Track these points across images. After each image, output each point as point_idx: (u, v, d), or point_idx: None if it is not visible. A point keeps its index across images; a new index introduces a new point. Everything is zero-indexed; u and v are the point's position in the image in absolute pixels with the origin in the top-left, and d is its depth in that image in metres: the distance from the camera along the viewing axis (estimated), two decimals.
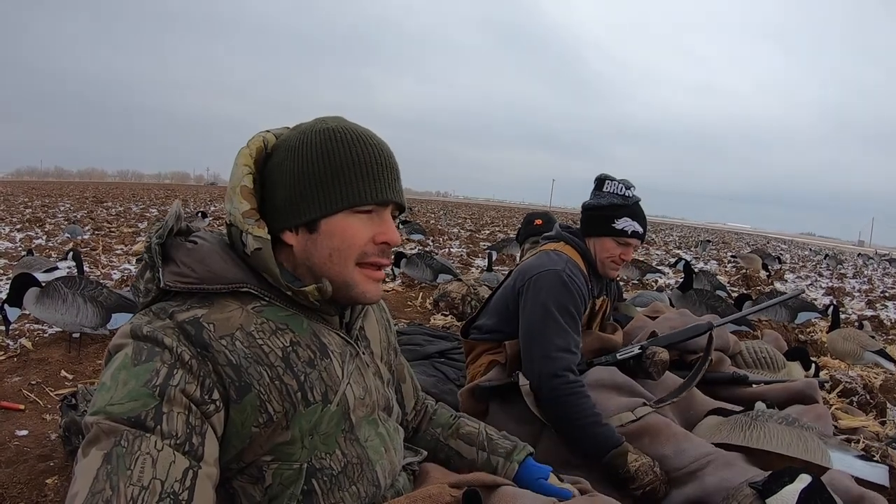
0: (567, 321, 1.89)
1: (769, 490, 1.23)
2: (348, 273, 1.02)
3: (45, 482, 1.94)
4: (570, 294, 1.93)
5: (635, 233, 2.07)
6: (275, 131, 1.09)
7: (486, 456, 1.34)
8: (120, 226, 11.73)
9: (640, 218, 2.09)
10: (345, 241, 1.01)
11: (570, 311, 1.91)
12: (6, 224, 11.13)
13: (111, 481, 0.77)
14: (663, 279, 8.32)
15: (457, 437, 1.38)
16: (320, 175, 1.00)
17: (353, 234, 1.01)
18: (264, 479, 0.95)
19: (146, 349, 0.89)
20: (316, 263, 1.03)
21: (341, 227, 1.01)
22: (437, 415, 1.45)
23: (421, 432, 1.42)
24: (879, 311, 7.16)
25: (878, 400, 2.99)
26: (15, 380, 2.89)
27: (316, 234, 1.02)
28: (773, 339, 3.57)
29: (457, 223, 21.03)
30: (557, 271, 1.95)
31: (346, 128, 1.04)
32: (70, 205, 18.54)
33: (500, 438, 1.38)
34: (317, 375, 1.00)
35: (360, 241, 1.02)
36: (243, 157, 1.03)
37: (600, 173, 2.18)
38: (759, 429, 1.73)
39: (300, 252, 1.03)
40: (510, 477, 1.30)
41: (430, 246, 11.01)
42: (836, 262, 14.93)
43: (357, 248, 1.02)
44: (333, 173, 1.00)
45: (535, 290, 1.96)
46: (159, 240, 0.99)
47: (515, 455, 1.33)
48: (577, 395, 1.79)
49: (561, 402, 1.79)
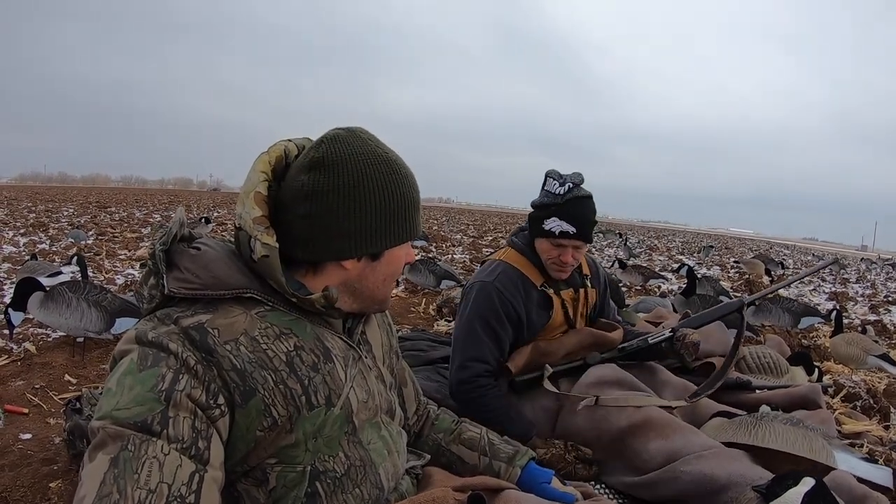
0: (486, 332, 2.00)
1: (773, 493, 1.23)
2: (388, 293, 1.15)
3: (49, 486, 1.94)
4: (493, 306, 2.01)
5: (563, 233, 1.97)
6: (297, 141, 1.11)
7: (487, 461, 1.35)
8: (123, 231, 11.75)
9: (571, 217, 1.96)
10: (397, 267, 1.12)
11: (491, 323, 2.01)
12: (10, 228, 11.16)
13: (118, 485, 0.78)
14: (666, 285, 8.30)
15: (458, 443, 1.39)
16: (392, 210, 1.05)
17: (401, 260, 1.12)
18: (268, 482, 0.96)
19: (151, 354, 0.90)
20: (368, 286, 1.10)
21: (397, 256, 1.11)
22: (439, 420, 1.46)
23: (423, 437, 1.43)
24: (883, 316, 7.13)
25: (882, 404, 2.97)
26: (19, 384, 2.89)
27: (377, 263, 1.08)
28: (776, 343, 3.57)
29: (459, 229, 21.03)
30: (486, 283, 2.04)
31: (398, 162, 1.08)
32: (74, 210, 18.59)
33: (502, 443, 1.39)
34: (320, 379, 1.01)
35: (402, 266, 1.14)
36: (262, 164, 1.05)
37: (549, 169, 2.07)
38: (765, 428, 1.73)
39: (355, 277, 1.08)
40: (513, 482, 1.31)
41: (434, 252, 11.00)
42: (840, 267, 14.88)
43: (400, 272, 1.16)
44: (399, 209, 1.06)
45: (465, 303, 2.09)
46: (163, 246, 1.00)
47: (518, 460, 1.35)
48: (484, 396, 1.97)
49: (471, 405, 1.96)
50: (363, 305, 1.13)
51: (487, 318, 2.01)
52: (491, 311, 2.01)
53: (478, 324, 2.01)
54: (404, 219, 1.07)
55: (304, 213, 1.02)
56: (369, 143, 1.06)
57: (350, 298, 1.10)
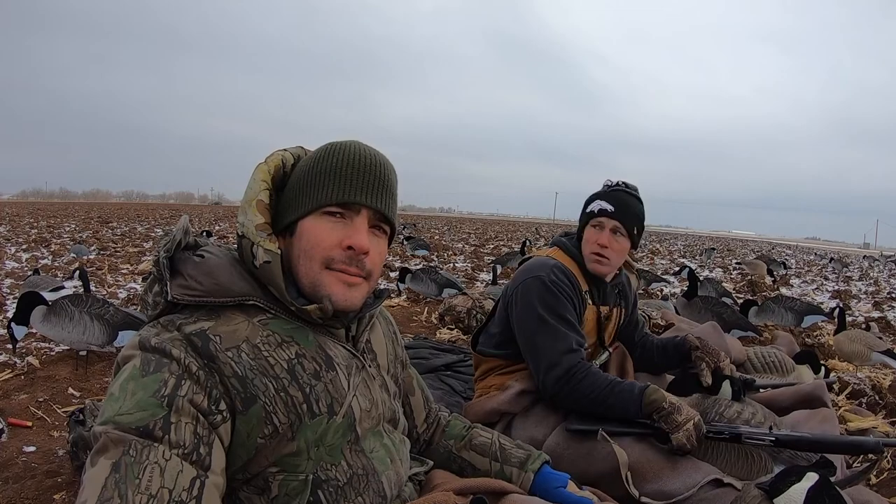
0: (561, 324, 1.91)
1: (776, 489, 1.22)
2: (314, 274, 1.03)
3: (53, 498, 1.94)
4: (556, 297, 1.93)
5: (602, 210, 2.01)
6: (292, 150, 1.12)
7: (499, 466, 1.33)
8: (125, 245, 11.78)
9: (610, 198, 2.02)
10: (310, 241, 1.02)
11: (561, 313, 1.92)
12: (12, 244, 11.19)
13: (119, 490, 0.77)
14: (668, 288, 8.30)
15: (469, 448, 1.37)
16: (303, 183, 1.04)
17: (319, 234, 1.02)
18: (270, 490, 0.95)
19: (154, 360, 0.90)
20: (293, 267, 1.05)
21: (309, 227, 1.03)
22: (450, 426, 1.44)
23: (434, 444, 1.41)
24: (886, 312, 7.13)
25: (888, 400, 2.97)
26: (22, 397, 2.90)
27: (293, 238, 1.05)
28: (787, 342, 3.55)
29: (461, 238, 21.04)
30: (541, 277, 1.96)
31: (344, 143, 1.07)
32: (76, 225, 18.64)
33: (514, 448, 1.36)
34: (322, 388, 1.01)
35: (325, 243, 1.02)
36: (261, 173, 1.06)
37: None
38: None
39: (286, 259, 1.05)
40: (526, 487, 1.28)
41: (435, 261, 11.03)
42: (842, 266, 14.86)
43: (322, 250, 1.02)
44: (312, 179, 1.04)
45: (525, 300, 1.98)
46: (167, 253, 1.01)
47: (530, 464, 1.32)
48: (588, 377, 1.83)
49: (577, 393, 1.83)
50: (312, 298, 1.04)
51: (556, 308, 1.93)
52: (556, 301, 1.94)
53: (549, 315, 1.92)
54: (314, 188, 1.03)
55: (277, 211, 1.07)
56: (335, 142, 1.08)
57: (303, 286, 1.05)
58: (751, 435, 1.69)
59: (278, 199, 1.08)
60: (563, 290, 1.95)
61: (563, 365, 1.85)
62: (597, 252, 2.02)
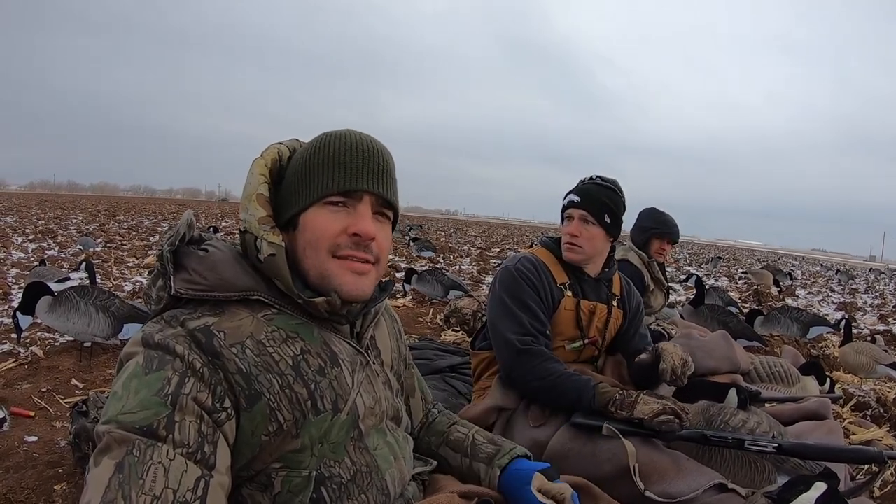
0: (518, 307, 1.99)
1: (784, 499, 1.21)
2: (321, 264, 1.02)
3: (54, 488, 1.94)
4: (518, 283, 2.03)
5: (571, 202, 2.12)
6: (287, 143, 1.12)
7: (468, 462, 1.26)
8: (132, 239, 11.83)
9: (578, 191, 2.12)
10: (315, 232, 1.01)
11: (521, 298, 2.01)
12: (19, 235, 11.25)
13: (123, 490, 0.76)
14: (674, 296, 8.27)
15: (446, 445, 1.32)
16: (301, 175, 1.04)
17: (323, 224, 1.01)
18: (273, 487, 0.94)
19: (157, 357, 0.89)
20: (298, 260, 1.04)
21: (311, 219, 1.02)
22: (434, 423, 1.39)
23: (419, 441, 1.36)
24: (892, 325, 7.09)
25: (892, 413, 2.95)
26: (25, 387, 2.91)
27: (296, 232, 1.04)
28: (791, 355, 3.54)
29: (467, 241, 21.06)
30: (508, 267, 2.09)
31: (338, 132, 1.06)
32: (83, 217, 18.74)
33: (485, 443, 1.28)
34: (327, 384, 1.00)
35: (330, 232, 1.01)
36: (258, 167, 1.06)
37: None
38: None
39: (290, 253, 1.03)
40: (493, 484, 1.21)
41: (441, 263, 11.02)
42: (848, 278, 14.80)
43: (327, 239, 1.01)
44: (310, 170, 1.03)
45: (492, 289, 2.13)
46: (171, 247, 1.00)
47: (497, 460, 1.23)
48: (543, 361, 1.90)
49: (530, 374, 1.90)
50: (321, 290, 1.03)
51: (518, 294, 2.02)
52: (519, 288, 2.03)
53: (510, 300, 2.01)
54: (313, 179, 1.02)
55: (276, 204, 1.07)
56: (329, 131, 1.08)
57: (309, 280, 1.05)
58: (754, 442, 1.66)
59: (277, 193, 1.07)
60: (526, 277, 2.04)
61: (515, 345, 1.93)
62: (568, 241, 2.12)
